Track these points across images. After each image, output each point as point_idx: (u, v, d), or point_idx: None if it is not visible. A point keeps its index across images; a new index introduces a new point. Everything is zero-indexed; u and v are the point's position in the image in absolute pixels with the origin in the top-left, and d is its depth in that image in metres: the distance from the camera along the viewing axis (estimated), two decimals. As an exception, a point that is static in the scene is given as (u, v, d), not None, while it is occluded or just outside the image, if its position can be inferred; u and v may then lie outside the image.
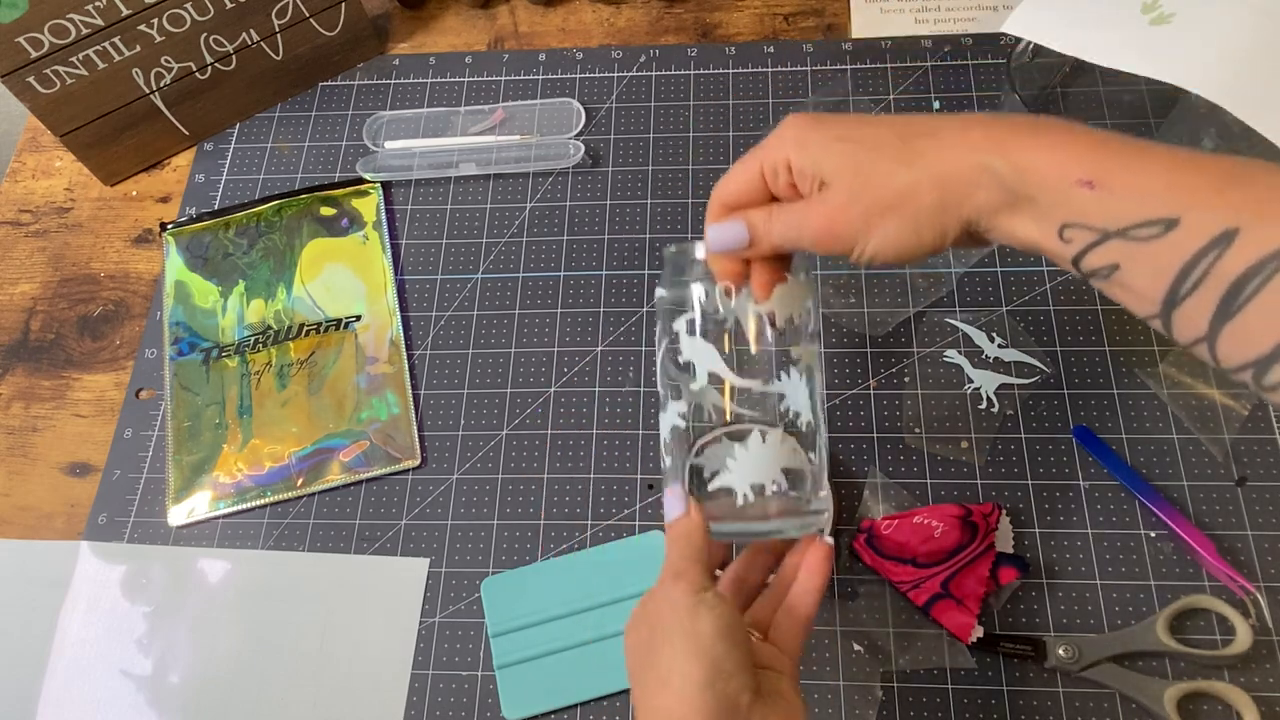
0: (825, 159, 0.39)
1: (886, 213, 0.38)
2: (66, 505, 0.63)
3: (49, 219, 0.74)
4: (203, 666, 0.57)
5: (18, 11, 0.60)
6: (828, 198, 0.39)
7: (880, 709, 0.52)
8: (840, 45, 0.73)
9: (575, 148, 0.70)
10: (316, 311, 0.67)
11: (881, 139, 0.38)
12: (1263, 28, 0.47)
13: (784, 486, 0.45)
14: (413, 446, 0.62)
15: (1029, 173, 0.35)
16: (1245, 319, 0.31)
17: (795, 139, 0.40)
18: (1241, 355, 0.32)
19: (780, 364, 0.46)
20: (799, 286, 0.46)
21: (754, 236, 0.42)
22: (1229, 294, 0.31)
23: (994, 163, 0.36)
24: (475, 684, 0.55)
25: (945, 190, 0.37)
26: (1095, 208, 0.34)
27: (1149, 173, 0.33)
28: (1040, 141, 0.35)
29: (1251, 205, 0.31)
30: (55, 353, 0.69)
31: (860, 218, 0.38)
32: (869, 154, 0.38)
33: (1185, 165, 0.33)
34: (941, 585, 0.52)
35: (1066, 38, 0.51)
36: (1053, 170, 0.34)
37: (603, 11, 0.78)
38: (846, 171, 0.39)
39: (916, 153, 0.37)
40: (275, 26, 0.70)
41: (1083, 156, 0.34)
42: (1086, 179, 0.34)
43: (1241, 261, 0.31)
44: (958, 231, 0.38)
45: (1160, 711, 0.49)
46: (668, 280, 0.48)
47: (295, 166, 0.73)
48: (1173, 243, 0.32)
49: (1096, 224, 0.34)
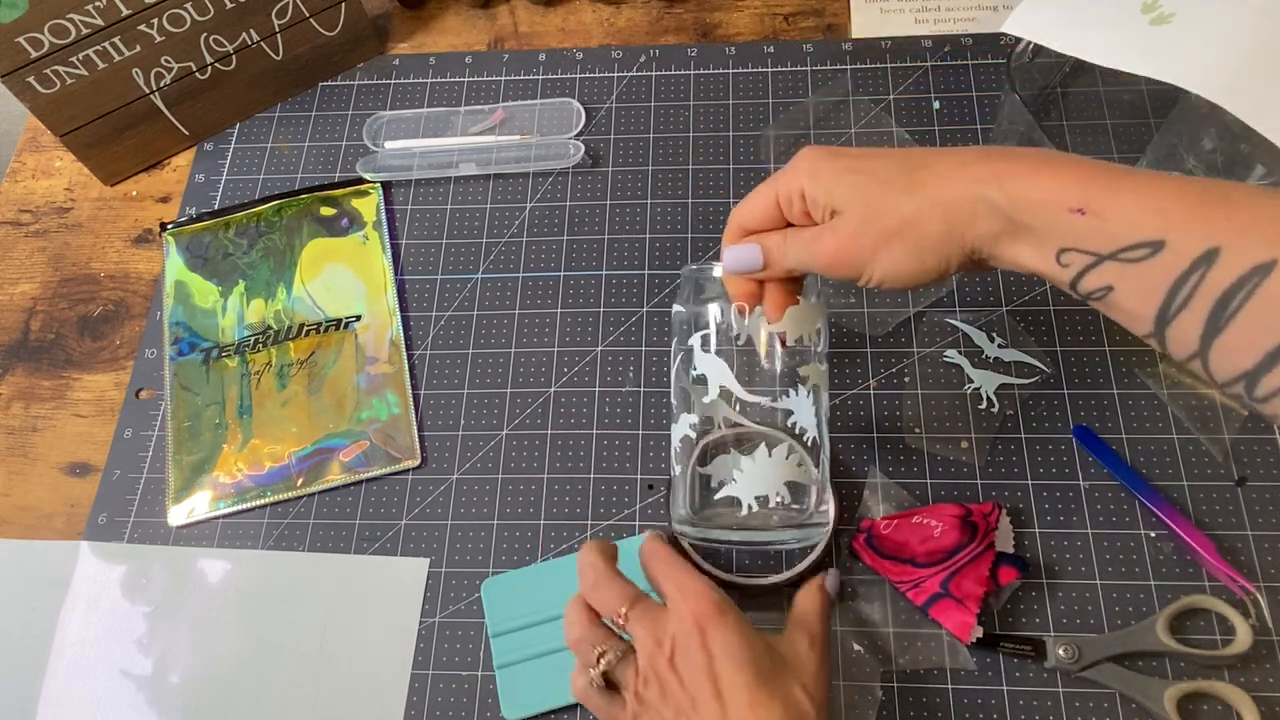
0: (837, 189, 0.42)
1: (893, 240, 0.40)
2: (66, 505, 0.63)
3: (49, 219, 0.74)
4: (203, 666, 0.57)
5: (18, 11, 0.60)
6: (839, 225, 0.42)
7: (880, 709, 0.52)
8: (840, 45, 0.73)
9: (575, 148, 0.70)
10: (316, 311, 0.67)
11: (889, 171, 0.41)
12: (1263, 28, 0.47)
13: (787, 499, 0.47)
14: (413, 446, 0.62)
15: (1024, 202, 0.37)
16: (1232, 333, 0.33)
17: (809, 170, 0.43)
18: (1232, 368, 0.33)
19: (788, 382, 0.49)
20: (810, 309, 0.48)
21: (768, 260, 0.45)
22: (1215, 310, 0.33)
23: (992, 194, 0.38)
24: (475, 684, 0.55)
25: (949, 220, 0.39)
26: (1088, 233, 0.36)
27: (1135, 197, 0.35)
28: (1033, 172, 0.37)
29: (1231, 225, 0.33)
30: (55, 353, 0.69)
31: (869, 245, 0.41)
32: (878, 185, 0.41)
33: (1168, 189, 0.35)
34: (941, 585, 0.52)
35: (1066, 38, 0.51)
36: (1046, 199, 0.37)
37: (603, 11, 0.78)
38: (857, 201, 0.41)
39: (920, 184, 0.40)
40: (275, 26, 0.70)
41: (1073, 185, 0.36)
42: (1078, 206, 0.36)
43: (1225, 278, 0.32)
44: (961, 259, 0.40)
45: (1160, 711, 0.49)
46: (685, 297, 0.52)
47: (295, 166, 0.73)
48: (1161, 263, 0.34)
49: (1090, 248, 0.36)
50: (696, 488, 0.50)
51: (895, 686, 0.52)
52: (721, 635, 0.42)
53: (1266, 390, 0.32)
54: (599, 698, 0.46)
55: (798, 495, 0.48)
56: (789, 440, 0.49)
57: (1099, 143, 0.66)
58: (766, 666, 0.42)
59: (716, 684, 0.42)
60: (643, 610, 0.45)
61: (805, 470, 0.49)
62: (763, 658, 0.43)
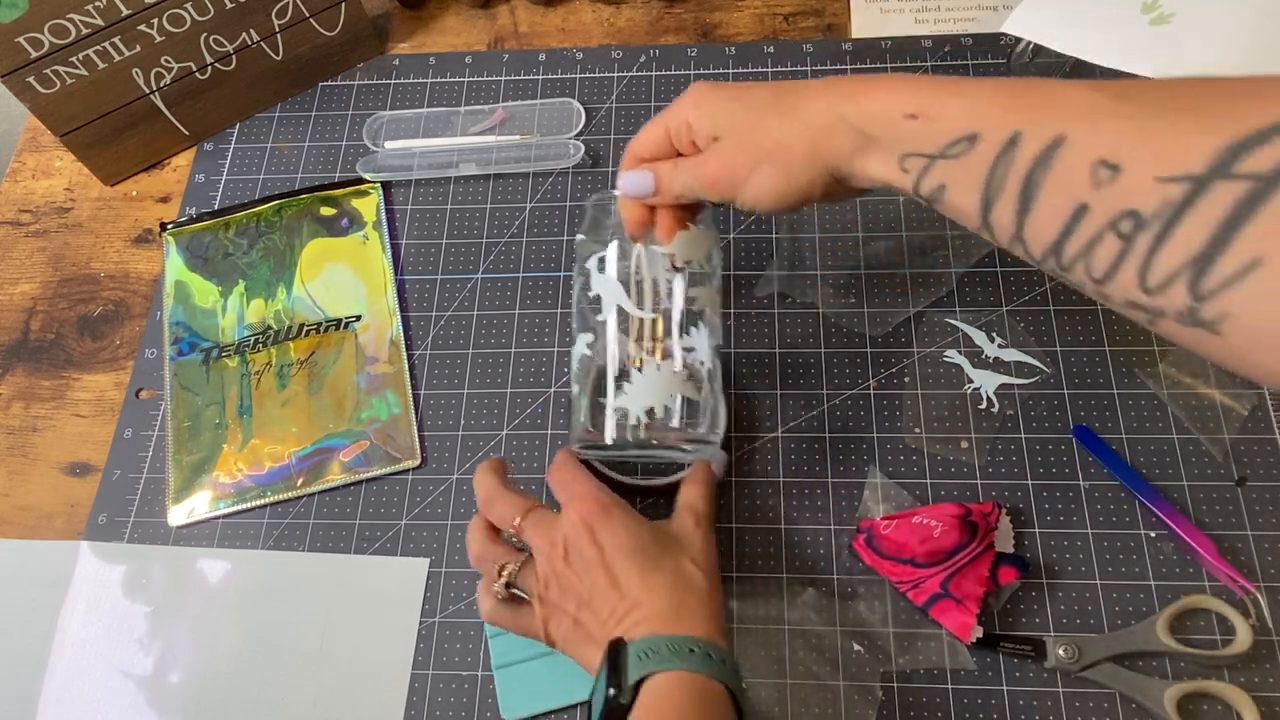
0: (719, 116, 0.45)
1: (765, 161, 0.44)
2: (66, 505, 0.63)
3: (49, 219, 0.74)
4: (203, 666, 0.57)
5: (18, 11, 0.60)
6: (720, 149, 0.45)
7: (880, 709, 0.52)
8: (840, 45, 0.73)
9: (575, 148, 0.70)
10: (316, 311, 0.67)
11: (764, 98, 0.44)
12: (1263, 28, 0.47)
13: (678, 414, 0.50)
14: (413, 446, 0.62)
15: (870, 115, 0.40)
16: (1038, 209, 0.35)
17: (694, 101, 0.46)
18: (1042, 243, 0.36)
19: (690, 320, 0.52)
20: (701, 234, 0.52)
21: (659, 186, 0.48)
22: (1023, 190, 0.35)
23: (846, 111, 0.41)
24: (475, 684, 0.55)
25: (812, 140, 0.42)
26: (921, 136, 0.39)
27: (959, 100, 0.38)
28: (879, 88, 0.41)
29: (1030, 111, 0.35)
30: (55, 353, 0.69)
31: (745, 166, 0.44)
32: (754, 111, 0.44)
33: (985, 89, 0.38)
34: (941, 585, 0.52)
35: (1066, 38, 0.51)
36: (887, 109, 0.40)
37: (603, 11, 0.78)
38: (735, 126, 0.45)
39: (789, 108, 0.43)
40: (275, 26, 0.70)
41: (909, 95, 0.39)
42: (911, 112, 0.39)
43: (1026, 158, 0.35)
44: (825, 178, 0.43)
45: (1160, 711, 0.49)
46: (586, 226, 0.56)
47: (295, 166, 0.73)
48: (978, 154, 0.37)
49: (924, 150, 0.39)
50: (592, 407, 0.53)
51: (895, 686, 0.52)
52: (608, 529, 0.47)
53: (1069, 257, 0.34)
54: (508, 612, 0.49)
55: (691, 412, 0.51)
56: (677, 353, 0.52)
57: (1099, 143, 0.66)
58: (654, 549, 0.47)
59: (610, 572, 0.46)
60: (536, 518, 0.49)
61: (694, 385, 0.51)
62: (650, 543, 0.47)
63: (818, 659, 0.53)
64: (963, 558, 0.52)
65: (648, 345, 0.51)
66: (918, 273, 0.63)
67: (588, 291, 0.53)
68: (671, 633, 0.43)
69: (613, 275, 0.52)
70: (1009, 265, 0.63)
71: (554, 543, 0.48)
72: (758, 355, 0.62)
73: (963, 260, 0.63)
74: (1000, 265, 0.63)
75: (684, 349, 0.51)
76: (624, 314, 0.52)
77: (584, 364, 0.53)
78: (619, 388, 0.51)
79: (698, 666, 0.42)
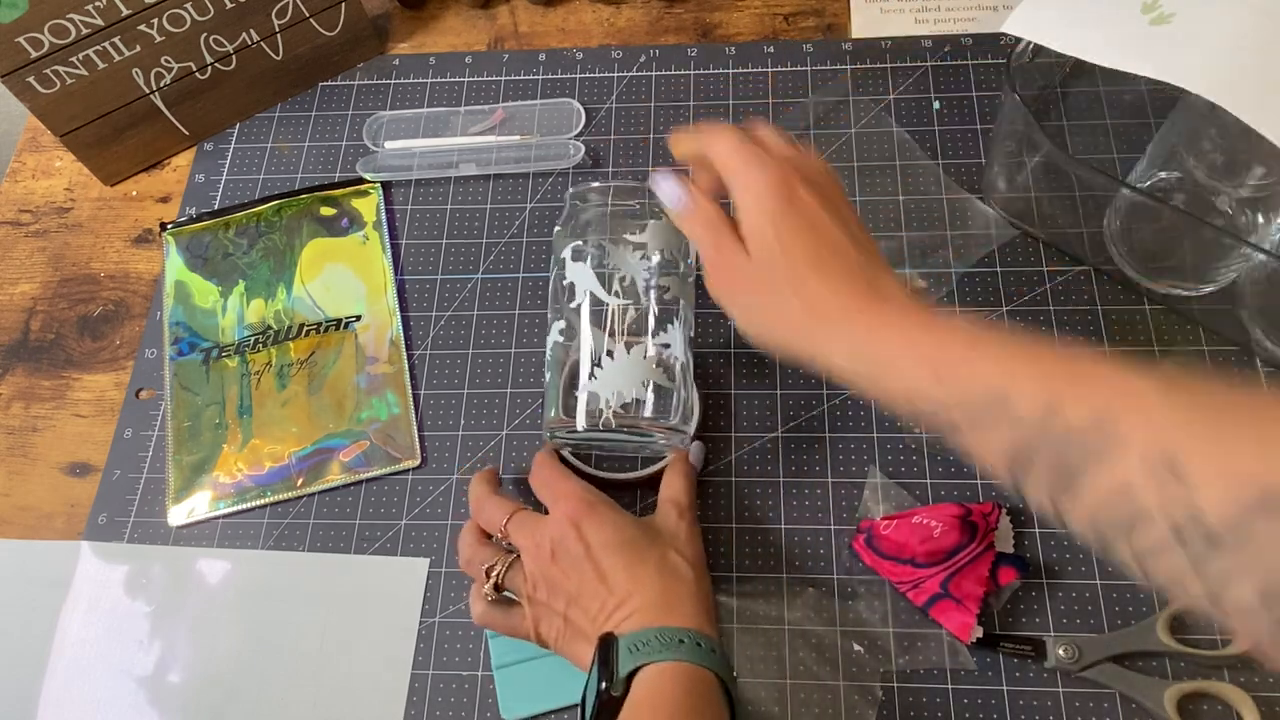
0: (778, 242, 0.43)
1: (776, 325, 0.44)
2: (66, 505, 0.63)
3: (49, 219, 0.74)
4: (203, 666, 0.57)
5: (18, 11, 0.60)
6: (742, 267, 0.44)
7: (880, 709, 0.52)
8: (840, 45, 0.73)
9: (575, 148, 0.70)
10: (316, 311, 0.67)
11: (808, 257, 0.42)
12: (1263, 28, 0.47)
13: (648, 402, 0.51)
14: (413, 446, 0.62)
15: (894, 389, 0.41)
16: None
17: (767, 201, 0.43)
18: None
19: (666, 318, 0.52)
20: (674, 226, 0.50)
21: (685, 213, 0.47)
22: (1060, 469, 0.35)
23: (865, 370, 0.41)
24: (475, 684, 0.55)
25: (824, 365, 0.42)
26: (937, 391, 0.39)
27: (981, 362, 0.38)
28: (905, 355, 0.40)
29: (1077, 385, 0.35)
30: (55, 353, 0.69)
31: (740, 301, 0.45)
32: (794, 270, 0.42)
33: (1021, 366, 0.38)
34: (941, 585, 0.52)
35: (1066, 38, 0.51)
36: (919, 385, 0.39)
37: (603, 11, 0.78)
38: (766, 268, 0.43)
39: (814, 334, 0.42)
40: (275, 26, 0.70)
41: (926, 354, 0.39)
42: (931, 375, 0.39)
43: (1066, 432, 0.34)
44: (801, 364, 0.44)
45: (1160, 711, 0.49)
46: (564, 219, 0.56)
47: (295, 166, 0.73)
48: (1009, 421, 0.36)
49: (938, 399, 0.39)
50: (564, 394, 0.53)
51: (895, 686, 0.52)
52: (594, 526, 0.48)
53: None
54: (499, 614, 0.50)
55: (662, 400, 0.51)
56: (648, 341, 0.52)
57: (1099, 143, 0.66)
58: (640, 543, 0.48)
59: (598, 567, 0.46)
60: (521, 519, 0.50)
61: (665, 373, 0.52)
62: (636, 537, 0.48)
63: (818, 659, 0.53)
64: (963, 558, 0.52)
65: (619, 331, 0.52)
66: (917, 272, 0.63)
67: (562, 280, 0.54)
68: (661, 624, 0.44)
69: (587, 264, 0.52)
70: (1009, 265, 0.63)
71: (539, 543, 0.48)
72: (758, 355, 0.62)
73: (963, 260, 0.63)
74: (1000, 265, 0.63)
75: (655, 339, 0.52)
76: (597, 302, 0.52)
77: (556, 351, 0.54)
78: (591, 374, 0.51)
79: (688, 656, 0.42)
